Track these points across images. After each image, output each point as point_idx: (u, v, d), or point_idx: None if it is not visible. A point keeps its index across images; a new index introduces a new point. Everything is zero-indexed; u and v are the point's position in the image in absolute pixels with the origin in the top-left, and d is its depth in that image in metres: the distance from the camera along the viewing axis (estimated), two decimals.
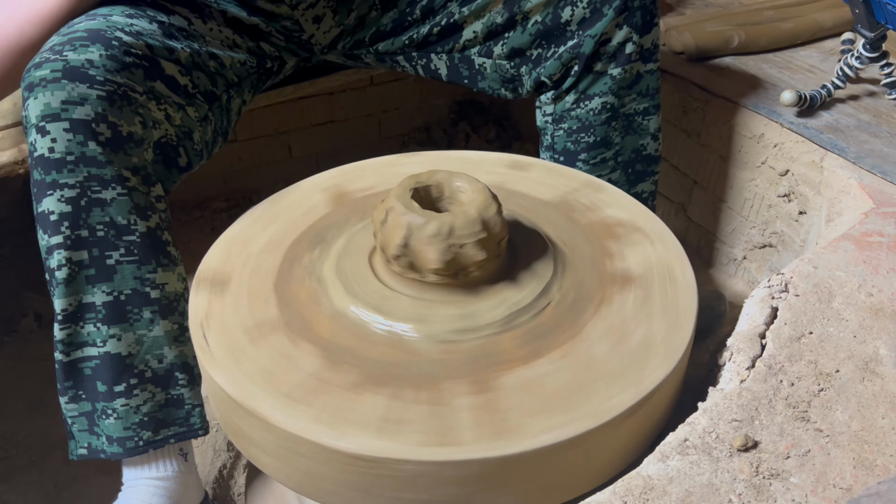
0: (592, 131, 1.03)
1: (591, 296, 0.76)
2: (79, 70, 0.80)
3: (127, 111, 0.83)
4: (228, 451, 1.18)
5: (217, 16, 1.01)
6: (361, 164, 0.98)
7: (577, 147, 1.05)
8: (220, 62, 0.98)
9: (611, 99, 1.01)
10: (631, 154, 1.06)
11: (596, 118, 1.02)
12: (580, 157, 1.05)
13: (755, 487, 0.62)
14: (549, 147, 1.08)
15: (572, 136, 1.04)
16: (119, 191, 0.83)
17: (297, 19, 1.05)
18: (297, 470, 0.68)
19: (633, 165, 1.07)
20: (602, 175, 1.06)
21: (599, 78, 1.01)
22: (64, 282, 0.83)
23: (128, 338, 0.86)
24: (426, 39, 1.07)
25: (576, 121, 1.03)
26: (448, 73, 1.10)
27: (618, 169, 1.06)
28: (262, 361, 0.70)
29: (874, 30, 1.10)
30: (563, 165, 1.01)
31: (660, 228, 0.86)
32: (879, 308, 0.80)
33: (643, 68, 1.01)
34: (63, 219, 0.81)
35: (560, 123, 1.05)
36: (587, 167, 1.05)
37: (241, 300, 0.77)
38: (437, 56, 1.09)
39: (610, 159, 1.05)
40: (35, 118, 0.80)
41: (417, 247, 0.70)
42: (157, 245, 0.87)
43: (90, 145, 0.80)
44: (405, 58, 1.11)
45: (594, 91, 1.01)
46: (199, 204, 1.65)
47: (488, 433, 0.63)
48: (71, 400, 0.87)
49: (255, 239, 0.85)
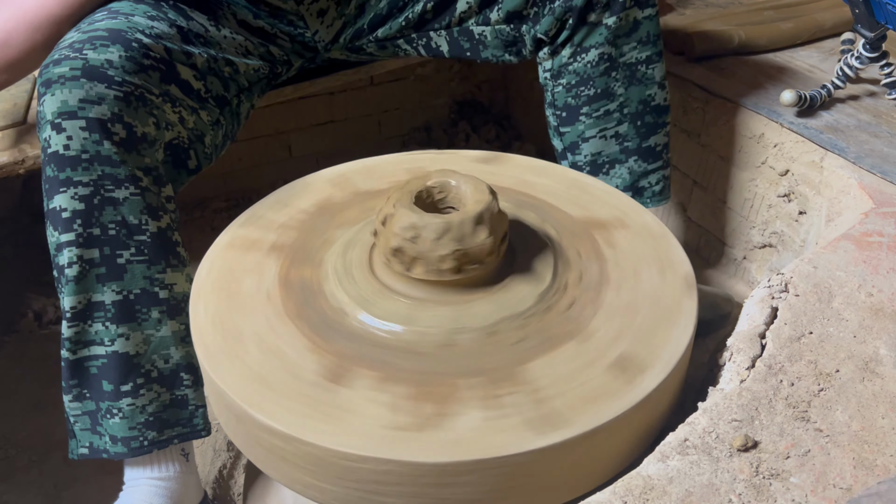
0: (592, 84, 1.02)
1: (590, 248, 0.79)
2: (98, 69, 0.80)
3: (142, 112, 0.83)
4: (228, 451, 1.18)
5: (230, 19, 1.02)
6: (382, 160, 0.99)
7: (577, 101, 1.03)
8: (236, 68, 0.99)
9: (607, 49, 1.00)
10: (638, 105, 1.04)
11: (594, 70, 1.01)
12: (582, 111, 1.03)
13: (755, 487, 0.62)
14: (550, 104, 1.06)
15: (572, 91, 1.03)
16: (132, 190, 0.83)
17: (301, 14, 1.05)
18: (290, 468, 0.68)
19: (642, 117, 1.04)
20: (608, 128, 1.03)
21: (595, 28, 0.99)
22: (74, 279, 0.83)
23: (136, 337, 0.86)
24: (422, 17, 1.07)
25: (574, 75, 1.02)
26: (450, 48, 1.09)
27: (625, 121, 1.04)
28: (261, 360, 0.71)
29: (874, 30, 1.10)
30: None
31: (649, 220, 0.87)
32: (879, 308, 0.80)
33: (640, 14, 1.00)
34: (75, 216, 0.82)
35: (559, 79, 1.04)
36: (590, 121, 1.03)
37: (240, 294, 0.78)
38: (436, 34, 1.08)
39: (615, 111, 1.03)
40: (51, 114, 0.80)
41: (422, 247, 0.71)
42: (167, 245, 0.87)
43: (105, 144, 0.81)
44: (405, 40, 1.11)
45: (590, 42, 1.00)
46: (199, 204, 1.65)
47: (488, 433, 0.63)
48: (75, 398, 0.87)
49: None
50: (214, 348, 0.72)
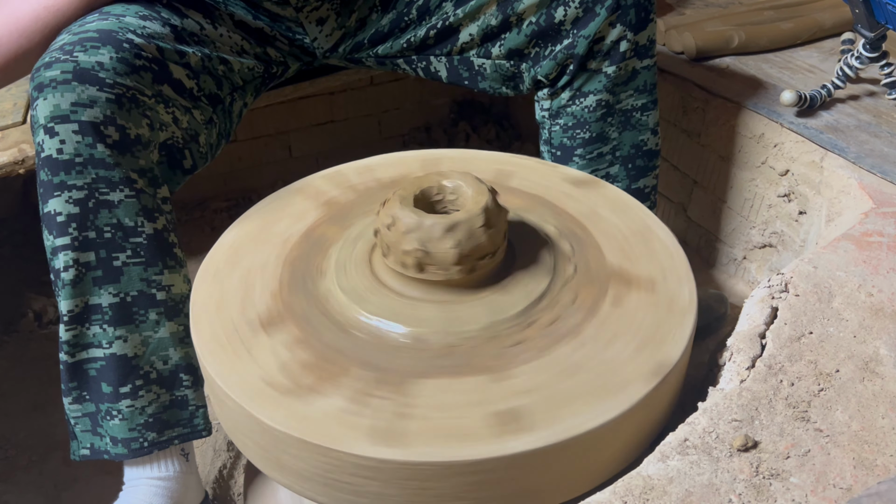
0: (588, 127, 1.04)
1: (590, 297, 0.76)
2: (89, 72, 0.80)
3: (135, 114, 0.83)
4: (228, 451, 1.18)
5: (226, 20, 1.02)
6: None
7: (572, 143, 1.05)
8: (230, 66, 0.98)
9: (605, 96, 1.02)
10: (630, 149, 1.06)
11: (591, 115, 1.03)
12: (576, 152, 1.05)
13: (755, 487, 0.62)
14: (546, 141, 1.09)
15: (568, 132, 1.05)
16: (127, 193, 0.83)
17: (300, 21, 1.05)
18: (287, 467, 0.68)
19: (633, 161, 1.07)
20: (600, 169, 1.06)
21: (594, 76, 1.01)
22: (70, 283, 0.83)
23: (133, 339, 0.86)
24: (424, 42, 1.08)
25: (571, 117, 1.04)
26: (448, 74, 1.10)
27: (616, 163, 1.06)
28: (259, 359, 0.71)
29: (874, 30, 1.10)
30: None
31: (685, 292, 0.79)
32: (879, 308, 0.80)
33: (639, 65, 1.01)
34: (70, 220, 0.82)
35: (556, 119, 1.05)
36: (584, 161, 1.05)
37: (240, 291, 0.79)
38: (436, 58, 1.09)
39: (607, 154, 1.06)
40: (44, 119, 0.80)
41: (429, 248, 0.71)
42: (164, 247, 0.87)
43: (98, 147, 0.81)
44: (405, 61, 1.11)
45: (589, 88, 1.02)
46: (199, 204, 1.65)
47: (488, 434, 0.64)
48: (75, 401, 0.87)
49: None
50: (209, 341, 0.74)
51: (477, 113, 1.88)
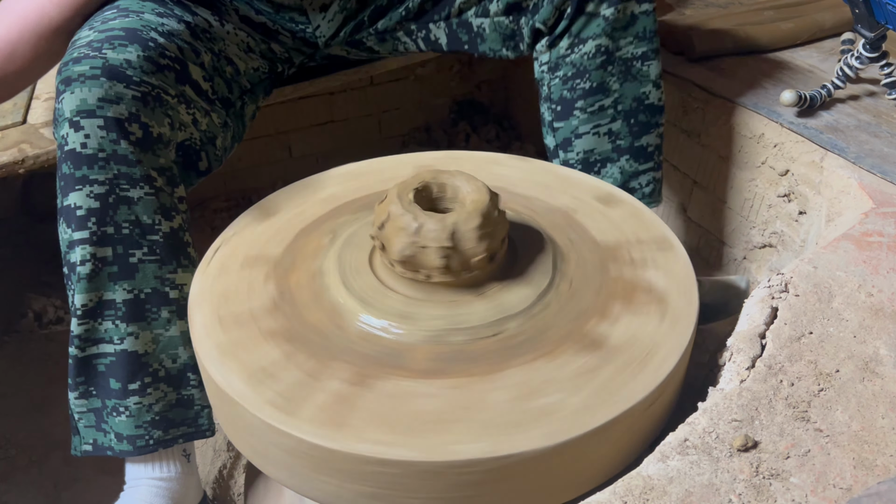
0: (588, 76, 1.02)
1: (591, 302, 0.76)
2: (117, 69, 0.81)
3: (158, 112, 0.84)
4: (228, 451, 1.18)
5: (232, 15, 1.02)
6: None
7: (573, 94, 1.03)
8: (236, 68, 0.99)
9: (605, 41, 1.00)
10: (632, 103, 1.04)
11: (590, 62, 1.01)
12: (577, 104, 1.03)
13: (755, 487, 0.62)
14: (546, 98, 1.06)
15: (568, 83, 1.03)
16: (146, 190, 0.84)
17: (304, 9, 1.05)
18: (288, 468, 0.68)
19: (635, 115, 1.04)
20: (602, 125, 1.04)
21: (592, 19, 0.99)
22: (87, 277, 0.83)
23: (145, 336, 0.86)
24: (422, 7, 1.07)
25: (570, 66, 1.02)
26: (448, 41, 1.09)
27: (618, 118, 1.04)
28: (259, 358, 0.71)
29: (874, 30, 1.10)
30: (563, 130, 1.03)
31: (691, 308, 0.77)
32: (879, 308, 0.80)
33: (637, 8, 1.00)
34: (90, 214, 0.82)
35: (555, 71, 1.03)
36: (585, 115, 1.03)
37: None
38: (435, 25, 1.09)
39: (609, 107, 1.03)
40: (70, 112, 0.80)
41: (420, 248, 0.71)
42: (179, 246, 0.88)
43: (122, 144, 0.81)
44: (405, 32, 1.11)
45: (587, 34, 1.00)
46: (200, 204, 1.65)
47: (488, 434, 0.63)
48: (81, 395, 0.87)
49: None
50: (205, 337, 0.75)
51: (477, 113, 1.88)
